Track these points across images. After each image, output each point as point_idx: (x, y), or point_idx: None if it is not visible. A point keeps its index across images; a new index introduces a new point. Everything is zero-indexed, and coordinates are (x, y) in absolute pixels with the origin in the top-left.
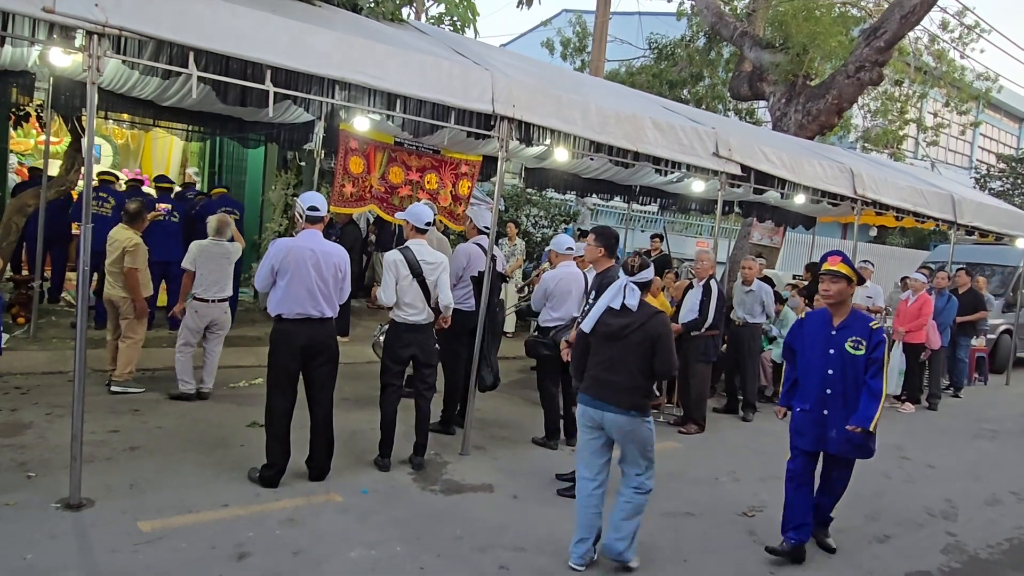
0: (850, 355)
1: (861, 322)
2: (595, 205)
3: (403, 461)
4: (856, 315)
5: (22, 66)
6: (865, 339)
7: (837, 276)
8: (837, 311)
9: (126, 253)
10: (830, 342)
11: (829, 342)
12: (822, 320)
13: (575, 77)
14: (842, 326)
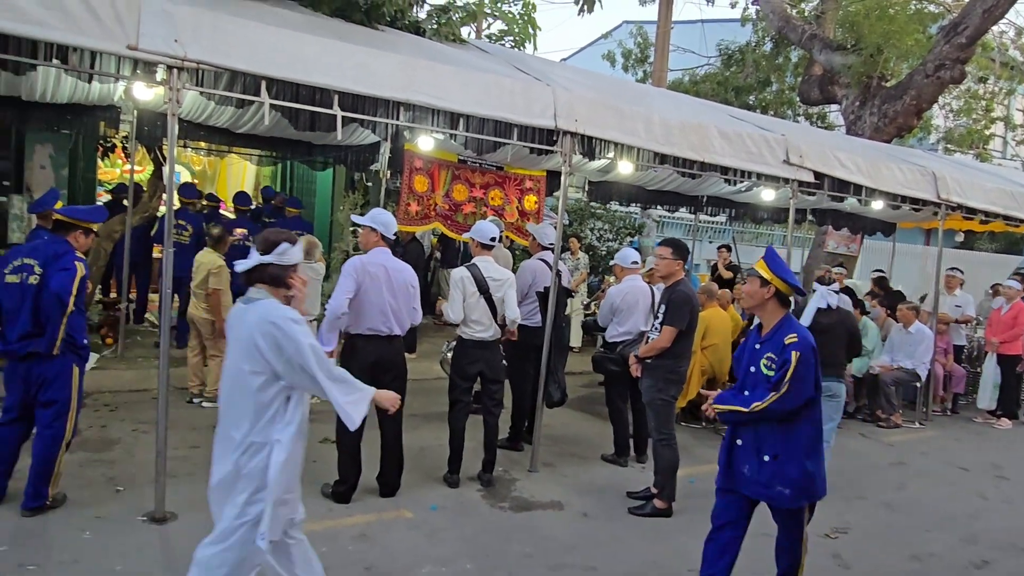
0: (763, 376)
1: (782, 335)
2: (660, 217)
3: (472, 477)
4: (784, 326)
5: (109, 101)
6: (777, 356)
7: (752, 275)
8: (763, 320)
9: (210, 275)
10: (752, 358)
11: (752, 358)
12: (755, 333)
13: (637, 88)
14: (765, 339)
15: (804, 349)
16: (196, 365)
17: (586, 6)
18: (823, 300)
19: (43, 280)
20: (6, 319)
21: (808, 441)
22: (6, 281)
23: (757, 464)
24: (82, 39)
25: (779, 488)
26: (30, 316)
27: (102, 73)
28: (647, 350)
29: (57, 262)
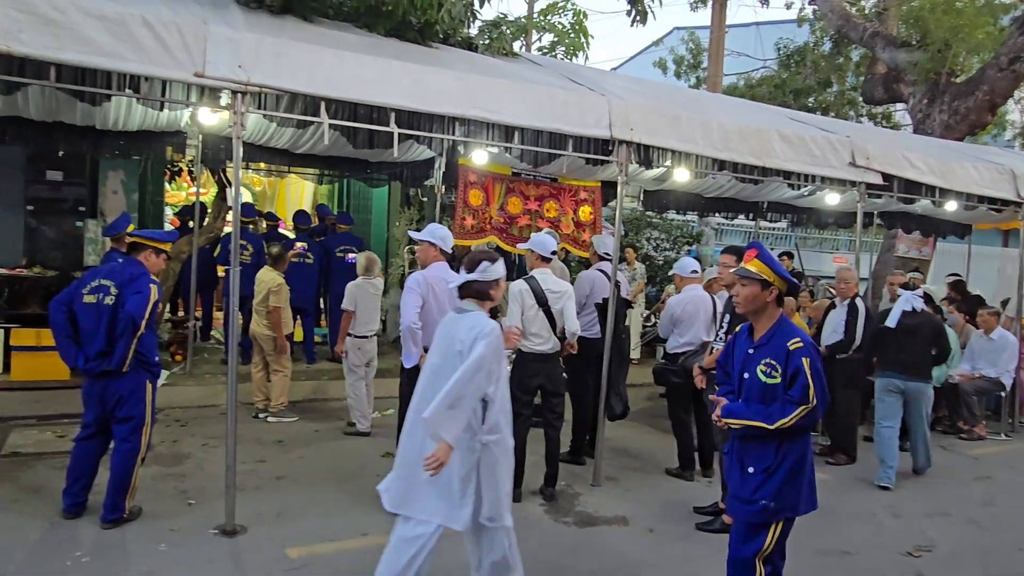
0: (760, 383)
1: (781, 338)
2: (719, 224)
3: (534, 492)
4: (781, 329)
5: (176, 126)
6: (780, 364)
7: (748, 278)
8: (756, 323)
9: (270, 293)
10: (746, 364)
11: (745, 364)
12: (745, 335)
13: (692, 95)
14: (760, 343)
15: (811, 353)
16: (260, 381)
17: (639, 17)
18: (908, 303)
19: (119, 301)
20: (84, 338)
21: (804, 452)
22: (84, 302)
23: (739, 477)
24: (153, 69)
25: (763, 502)
26: (105, 336)
27: (172, 100)
28: (711, 360)
29: (132, 284)
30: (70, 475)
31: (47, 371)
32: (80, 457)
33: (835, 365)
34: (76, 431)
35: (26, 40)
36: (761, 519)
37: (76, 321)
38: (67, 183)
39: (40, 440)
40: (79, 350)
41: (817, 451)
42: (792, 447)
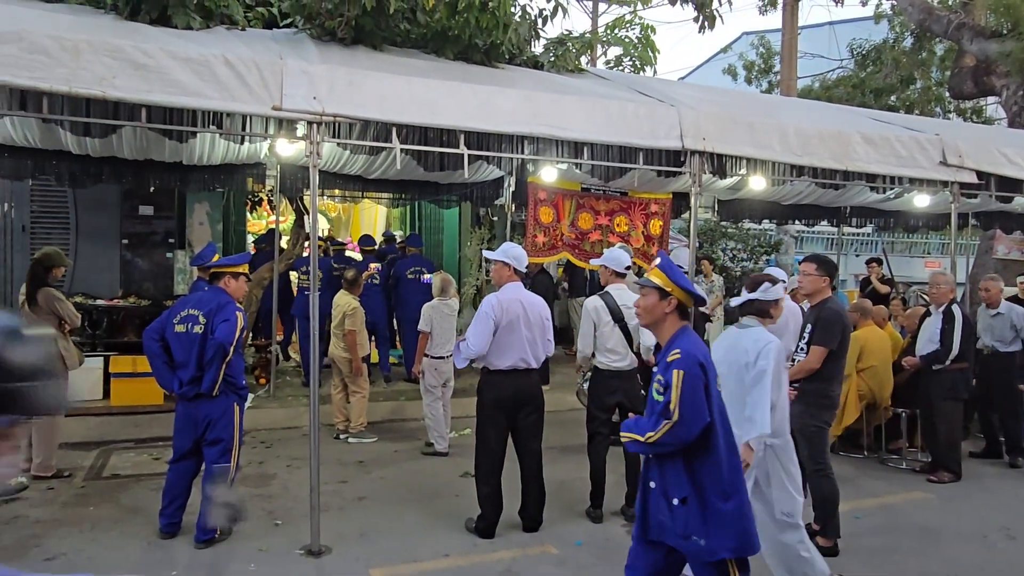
0: (652, 399)
1: (666, 351)
2: (799, 232)
3: (615, 512)
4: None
5: (256, 158)
6: (663, 377)
7: (647, 287)
8: (658, 335)
9: (346, 316)
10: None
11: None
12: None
13: (766, 100)
14: (659, 358)
15: (688, 366)
16: (340, 402)
17: (707, 23)
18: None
19: (207, 329)
20: (177, 366)
21: (720, 478)
22: (175, 331)
23: (668, 509)
24: (234, 105)
25: (694, 538)
26: (196, 362)
27: (252, 134)
28: (794, 372)
29: (220, 313)
30: (165, 496)
31: (144, 396)
32: (174, 480)
33: (932, 377)
34: (170, 454)
35: (120, 85)
36: (709, 558)
37: (168, 349)
38: (157, 217)
39: (138, 462)
40: (175, 375)
41: (917, 468)
42: (707, 472)
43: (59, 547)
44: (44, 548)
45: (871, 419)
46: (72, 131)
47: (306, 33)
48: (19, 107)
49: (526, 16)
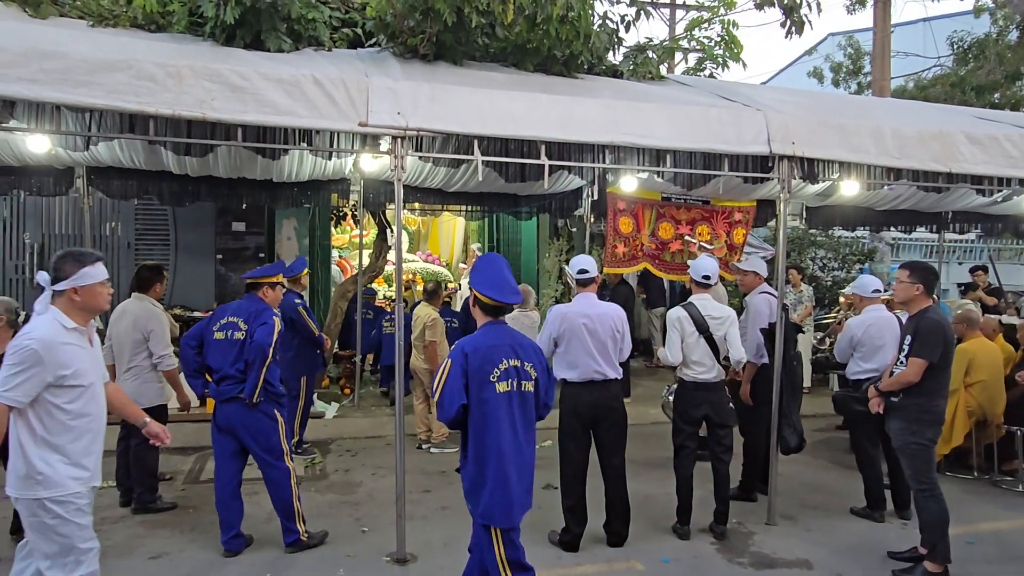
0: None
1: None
2: (895, 239)
3: (703, 529)
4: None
5: (341, 174)
6: None
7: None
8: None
9: (426, 328)
10: None
11: None
12: None
13: (858, 101)
14: None
15: (454, 356)
16: (422, 413)
17: (795, 28)
18: None
19: (248, 334)
20: (214, 372)
21: (468, 455)
22: (214, 338)
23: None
24: (323, 122)
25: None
26: (232, 362)
27: (339, 150)
28: (890, 384)
29: (258, 318)
30: (221, 511)
31: None
32: (225, 494)
33: None
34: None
35: (218, 107)
36: (478, 519)
37: (206, 355)
38: (249, 232)
39: None
40: (205, 382)
41: None
42: (471, 446)
43: (162, 547)
44: (148, 547)
45: (981, 437)
46: (174, 151)
47: (389, 51)
48: (128, 130)
49: (606, 25)
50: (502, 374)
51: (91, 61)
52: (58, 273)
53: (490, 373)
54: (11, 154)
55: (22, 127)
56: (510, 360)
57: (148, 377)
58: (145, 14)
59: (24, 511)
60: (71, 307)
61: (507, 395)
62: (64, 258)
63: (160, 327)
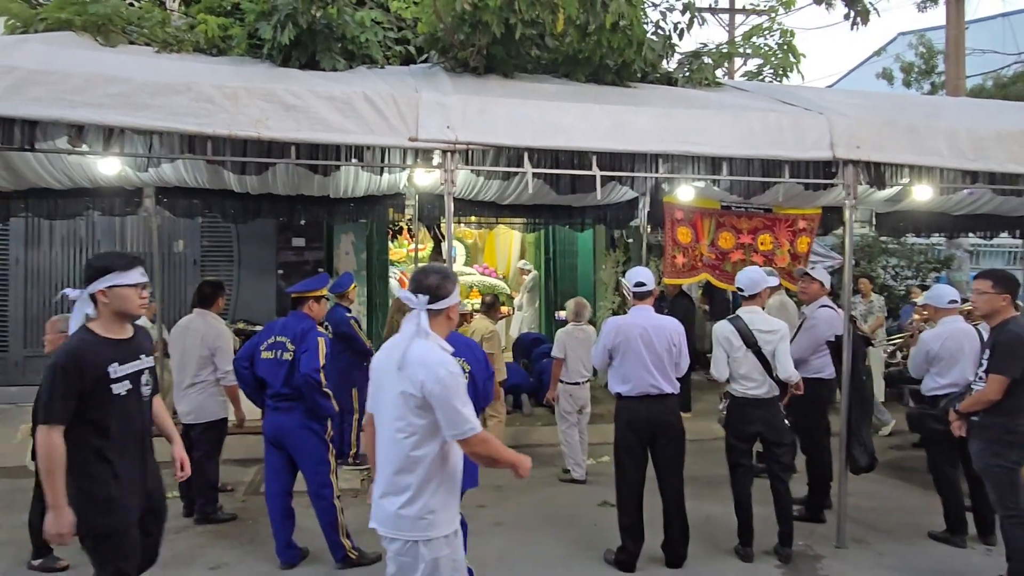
0: None
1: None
2: (974, 246)
3: (767, 551)
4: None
5: (396, 189)
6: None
7: None
8: None
9: (484, 340)
10: None
11: None
12: None
13: (929, 102)
14: None
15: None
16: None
17: (859, 19)
18: None
19: (296, 356)
20: (268, 387)
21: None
22: (262, 357)
23: None
24: (374, 138)
25: None
26: (282, 382)
27: (391, 165)
28: (970, 403)
29: (304, 341)
30: (272, 523)
31: None
32: (275, 506)
33: None
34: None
35: (272, 126)
36: None
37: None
38: (308, 248)
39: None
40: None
41: None
42: None
43: (221, 558)
44: (208, 558)
45: None
46: (233, 170)
47: (440, 66)
48: (188, 151)
49: (659, 32)
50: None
51: (152, 85)
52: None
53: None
54: (84, 176)
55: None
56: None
57: (212, 392)
58: (207, 39)
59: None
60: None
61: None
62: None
63: (227, 343)
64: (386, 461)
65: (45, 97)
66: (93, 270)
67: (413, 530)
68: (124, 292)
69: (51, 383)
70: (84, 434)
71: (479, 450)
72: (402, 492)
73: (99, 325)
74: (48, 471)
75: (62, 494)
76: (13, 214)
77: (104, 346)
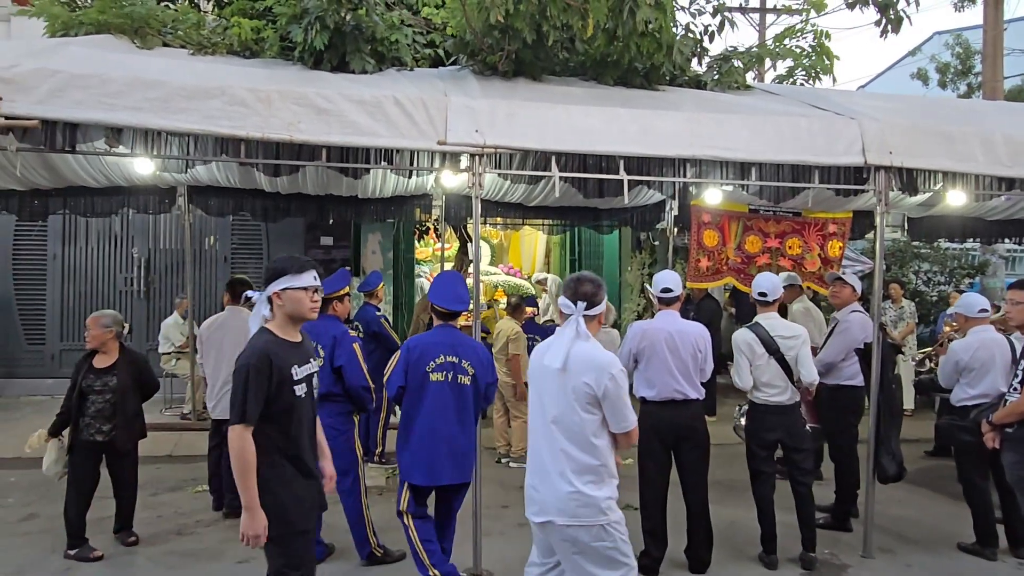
0: None
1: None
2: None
3: (791, 559)
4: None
5: (423, 190)
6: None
7: None
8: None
9: (509, 341)
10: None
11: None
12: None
13: (964, 105)
14: None
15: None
16: (501, 426)
17: (891, 26)
18: None
19: (328, 361)
20: None
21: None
22: None
23: None
24: (403, 142)
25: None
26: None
27: (419, 168)
28: (1004, 415)
29: (338, 348)
30: None
31: None
32: None
33: None
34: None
35: (304, 128)
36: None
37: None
38: (336, 246)
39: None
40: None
41: None
42: (403, 419)
43: (249, 552)
44: (237, 552)
45: None
46: (264, 171)
47: (469, 69)
48: (222, 153)
49: (689, 35)
50: (437, 367)
51: (188, 88)
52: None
53: (427, 364)
54: (120, 175)
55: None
56: (447, 356)
57: None
58: (240, 42)
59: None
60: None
61: (439, 384)
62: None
63: None
64: (552, 458)
65: (86, 100)
66: (270, 272)
67: (597, 515)
68: (297, 295)
69: (245, 383)
70: (270, 435)
71: (633, 439)
72: (585, 479)
73: (276, 327)
74: (242, 472)
75: (255, 495)
76: (52, 211)
77: (284, 347)
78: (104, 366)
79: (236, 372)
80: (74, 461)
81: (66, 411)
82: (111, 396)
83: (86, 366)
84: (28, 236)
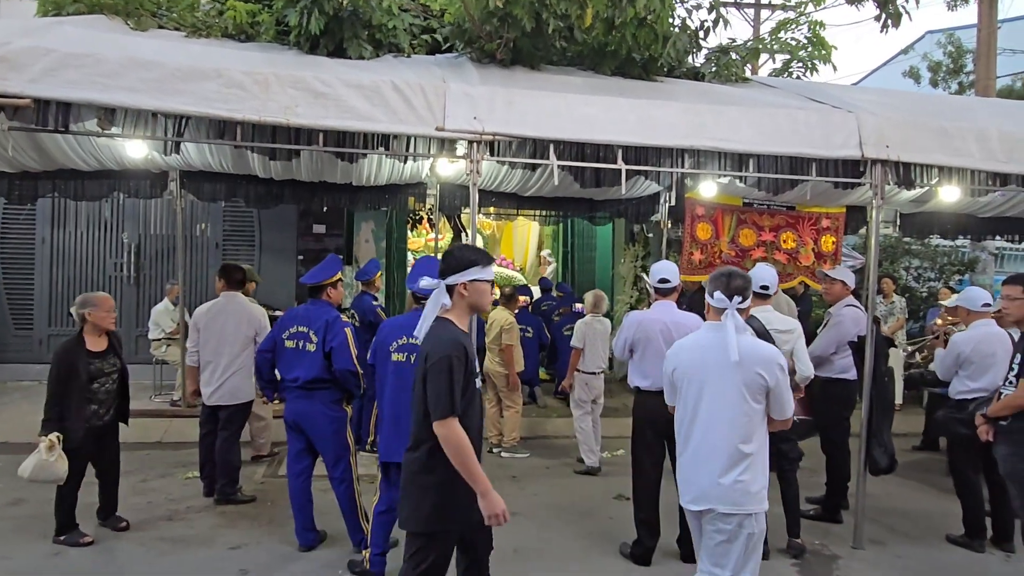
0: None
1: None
2: (999, 249)
3: (780, 549)
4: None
5: (418, 178)
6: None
7: None
8: None
9: (503, 331)
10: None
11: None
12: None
13: (959, 102)
14: None
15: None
16: (493, 416)
17: (890, 21)
18: None
19: (320, 347)
20: (282, 374)
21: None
22: (285, 346)
23: None
24: (401, 127)
25: None
26: (305, 371)
27: (417, 154)
28: (999, 408)
29: (330, 332)
30: (292, 506)
31: None
32: (295, 489)
33: None
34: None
35: (301, 112)
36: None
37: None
38: (329, 235)
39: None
40: (275, 389)
41: None
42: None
43: (240, 538)
44: (228, 538)
45: None
46: (259, 156)
47: (467, 57)
48: (218, 136)
49: (686, 28)
50: (399, 347)
51: (184, 70)
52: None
53: (390, 344)
54: (111, 158)
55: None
56: (409, 338)
57: (248, 374)
58: (235, 25)
59: None
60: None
61: (397, 364)
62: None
63: (268, 324)
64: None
65: (80, 80)
66: (456, 262)
67: (759, 504)
68: (483, 287)
69: (449, 375)
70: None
71: (788, 424)
72: (745, 468)
73: (455, 317)
74: (463, 462)
75: (485, 479)
76: (41, 195)
77: (467, 339)
78: (102, 349)
79: (435, 364)
80: (74, 452)
81: (60, 404)
82: (116, 377)
83: (83, 352)
84: (16, 219)
